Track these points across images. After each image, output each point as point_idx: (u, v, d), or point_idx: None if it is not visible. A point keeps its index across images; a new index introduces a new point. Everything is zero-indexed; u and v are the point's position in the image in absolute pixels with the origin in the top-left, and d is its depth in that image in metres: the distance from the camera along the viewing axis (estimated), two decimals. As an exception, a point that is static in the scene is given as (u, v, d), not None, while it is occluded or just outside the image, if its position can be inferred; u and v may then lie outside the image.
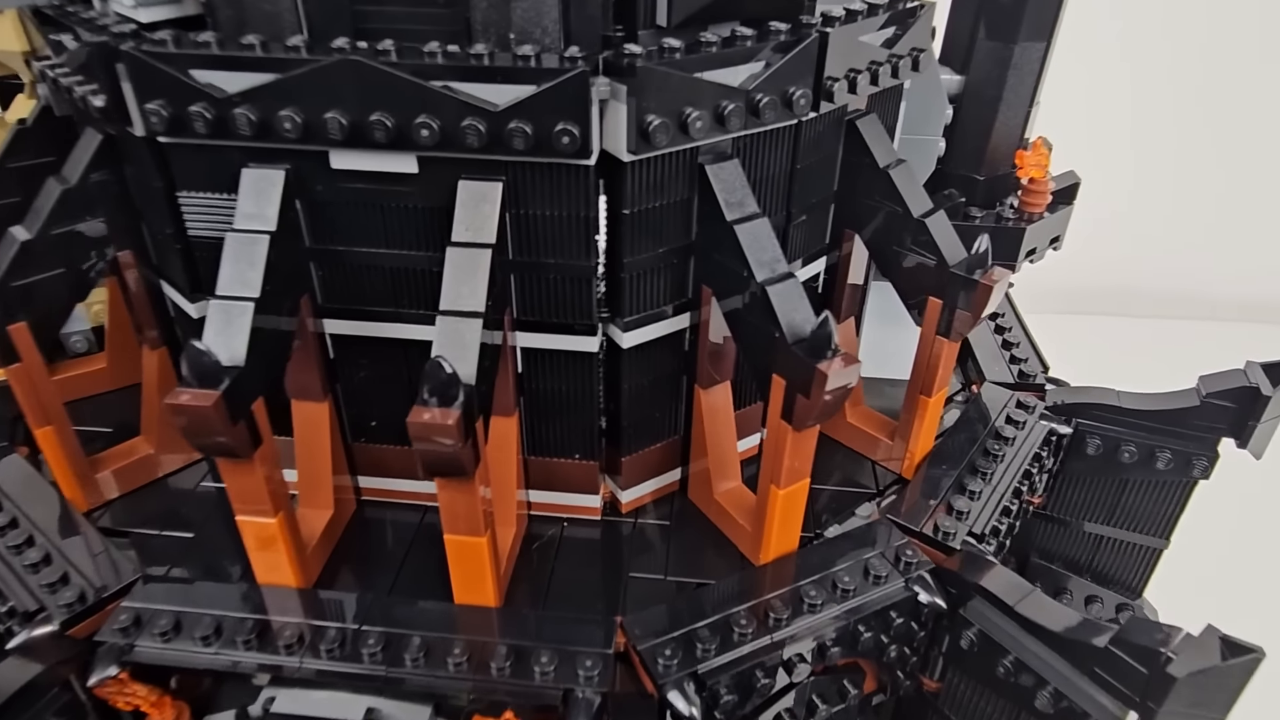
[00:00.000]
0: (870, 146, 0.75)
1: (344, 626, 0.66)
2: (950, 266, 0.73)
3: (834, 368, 0.60)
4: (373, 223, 0.67)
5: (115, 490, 0.82)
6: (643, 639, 0.65)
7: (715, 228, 0.67)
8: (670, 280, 0.71)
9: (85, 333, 1.01)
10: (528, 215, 0.65)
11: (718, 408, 0.77)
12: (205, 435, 0.58)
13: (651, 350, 0.73)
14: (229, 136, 0.62)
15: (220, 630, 0.65)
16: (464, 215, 0.62)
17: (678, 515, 0.82)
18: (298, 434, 0.75)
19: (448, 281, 0.61)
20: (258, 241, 0.63)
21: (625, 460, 0.78)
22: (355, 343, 0.73)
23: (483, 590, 0.68)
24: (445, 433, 0.55)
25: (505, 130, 0.59)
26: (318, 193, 0.66)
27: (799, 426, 0.64)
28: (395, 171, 0.64)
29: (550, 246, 0.66)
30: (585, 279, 0.67)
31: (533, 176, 0.63)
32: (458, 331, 0.59)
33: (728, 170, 0.66)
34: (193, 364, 0.58)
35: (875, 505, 0.84)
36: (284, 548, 0.68)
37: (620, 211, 0.65)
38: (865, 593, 0.70)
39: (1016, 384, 0.96)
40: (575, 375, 0.72)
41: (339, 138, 0.61)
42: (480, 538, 0.64)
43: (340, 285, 0.70)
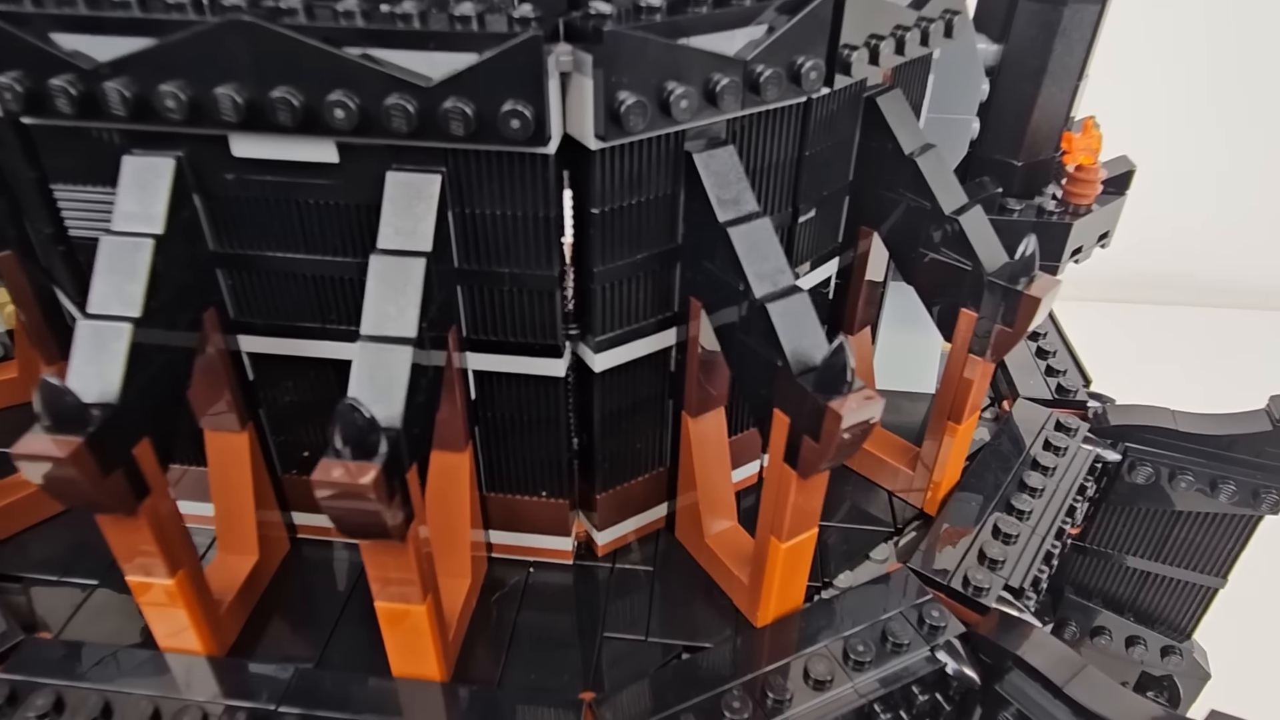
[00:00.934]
0: (893, 129, 0.63)
1: (259, 708, 0.55)
2: (988, 274, 0.61)
3: (849, 406, 0.48)
4: (289, 223, 0.55)
5: (6, 529, 0.71)
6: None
7: (705, 229, 0.55)
8: (651, 291, 0.59)
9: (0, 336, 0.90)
10: (476, 215, 0.53)
11: (709, 438, 0.65)
12: (68, 492, 0.47)
13: (630, 372, 0.62)
14: (101, 117, 0.50)
15: (109, 712, 0.54)
16: (393, 215, 0.50)
17: (663, 558, 0.71)
18: (213, 468, 0.63)
19: (371, 299, 0.49)
20: (139, 247, 0.51)
21: (601, 497, 0.67)
22: (278, 362, 0.62)
23: (424, 663, 0.56)
24: (362, 492, 0.44)
25: (440, 110, 0.47)
26: (220, 186, 0.54)
27: (806, 473, 0.53)
28: (311, 161, 0.52)
29: (504, 253, 0.54)
30: (547, 291, 0.55)
31: (479, 168, 0.51)
32: (382, 362, 0.47)
33: (720, 159, 0.54)
34: (48, 404, 0.46)
35: (893, 547, 0.72)
36: (188, 611, 0.57)
37: (588, 210, 0.53)
38: (884, 664, 0.59)
39: (1055, 400, 0.84)
40: (539, 402, 0.61)
41: (234, 119, 0.49)
42: (419, 605, 0.53)
43: (256, 296, 0.59)
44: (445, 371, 0.56)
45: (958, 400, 0.67)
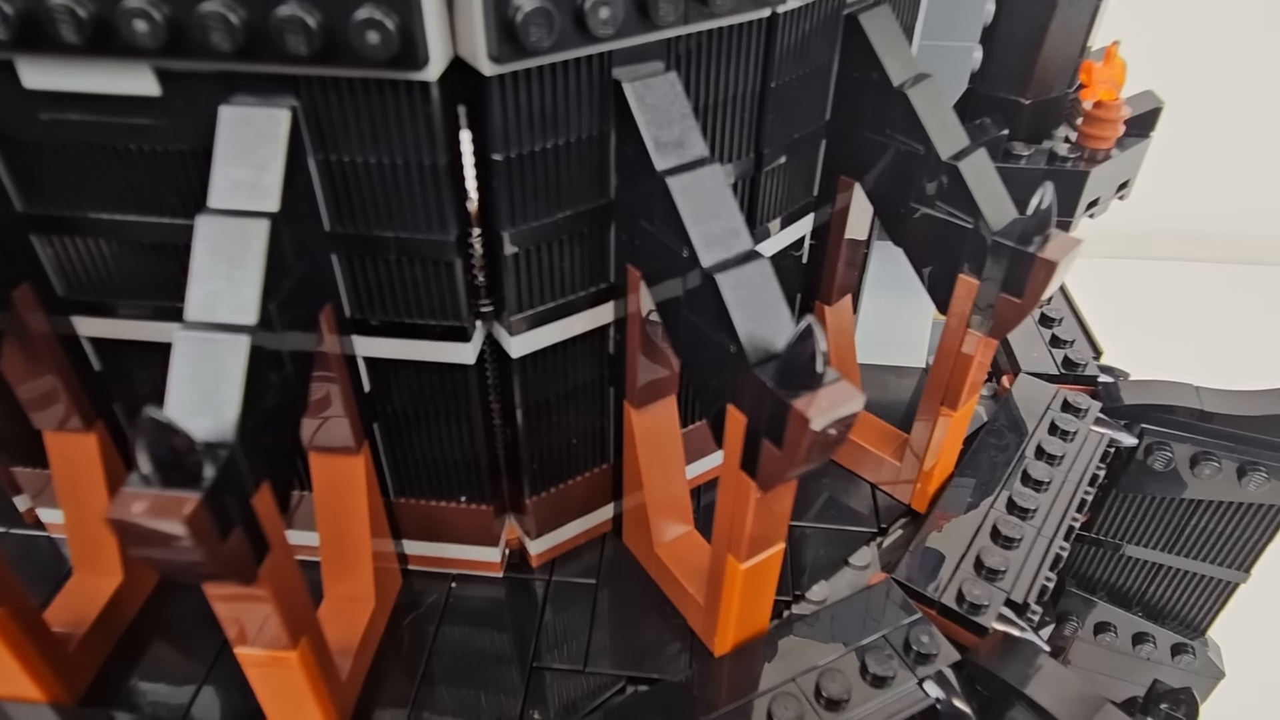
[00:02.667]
0: (879, 55, 0.51)
1: (99, 776, 0.45)
2: (993, 232, 0.50)
3: (818, 407, 0.37)
4: (110, 175, 0.43)
5: None
6: (540, 788, 0.45)
7: (641, 180, 0.43)
8: (579, 258, 0.48)
9: None
10: (345, 164, 0.41)
11: (657, 431, 0.55)
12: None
13: (558, 356, 0.51)
14: None
15: (-83, 783, 0.44)
16: (227, 163, 0.39)
17: (608, 568, 0.61)
18: (59, 477, 0.53)
19: (195, 275, 0.38)
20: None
21: (532, 501, 0.56)
22: (127, 349, 0.50)
23: (299, 713, 0.46)
24: (176, 531, 0.33)
25: (273, 20, 0.35)
26: (14, 129, 0.42)
27: (767, 485, 0.42)
28: (125, 95, 0.40)
29: (386, 212, 0.43)
30: (444, 260, 0.44)
31: (340, 100, 0.39)
32: (209, 356, 0.36)
33: (658, 91, 0.42)
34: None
35: (875, 550, 0.63)
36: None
37: (489, 157, 0.42)
38: (864, 703, 0.49)
39: (1061, 375, 0.74)
40: (446, 393, 0.50)
41: (3, 35, 0.37)
42: (289, 652, 0.43)
43: (85, 269, 0.47)
44: (321, 360, 0.45)
45: (954, 381, 0.57)
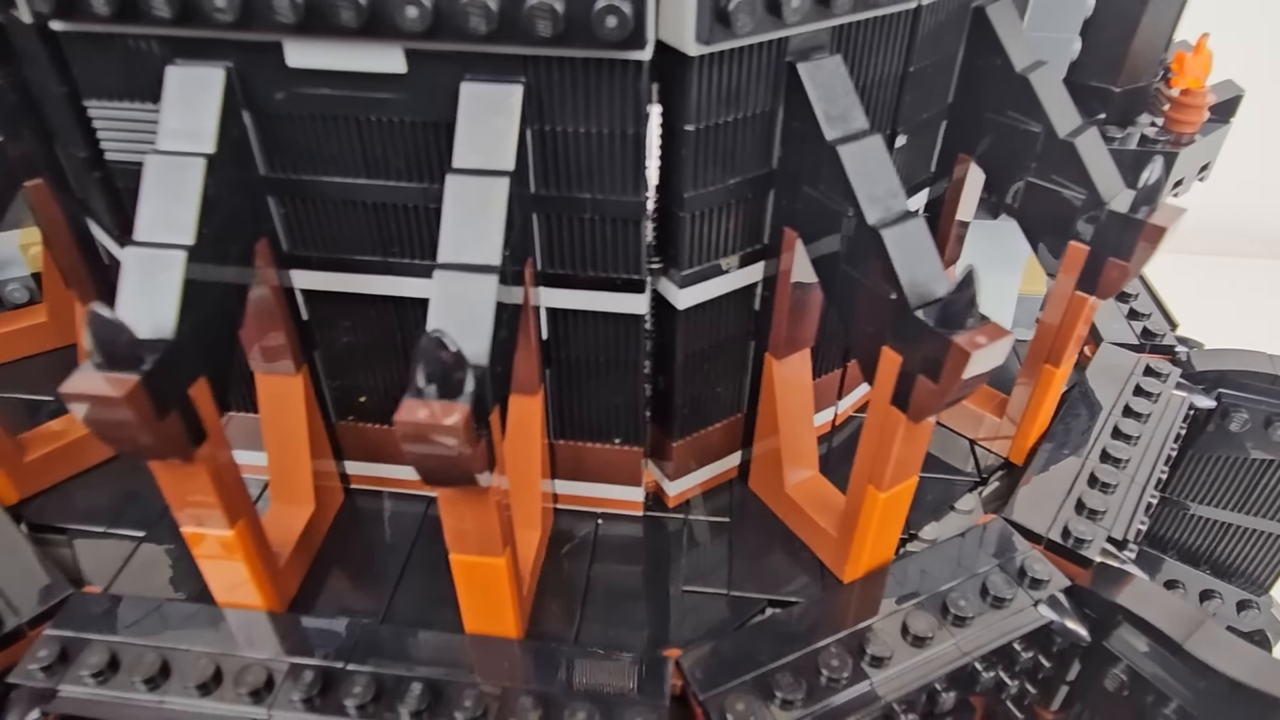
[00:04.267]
0: (1003, 43, 0.57)
1: (326, 665, 0.51)
2: (1107, 202, 0.55)
3: (976, 342, 0.43)
4: (349, 142, 0.50)
5: (50, 477, 0.67)
6: (706, 684, 0.51)
7: (808, 150, 0.50)
8: (742, 221, 0.54)
9: (24, 279, 0.85)
10: (555, 133, 0.48)
11: (794, 381, 0.61)
12: (120, 435, 0.43)
13: (713, 310, 0.57)
14: (142, 21, 0.45)
15: (167, 670, 0.51)
16: (470, 131, 0.45)
17: (738, 509, 0.67)
18: (265, 413, 0.59)
19: (448, 224, 0.44)
20: (189, 167, 0.46)
21: (676, 445, 0.63)
22: (335, 300, 0.57)
23: (501, 620, 0.53)
24: (448, 434, 0.40)
25: (524, 9, 0.42)
26: (272, 101, 0.49)
27: (918, 417, 0.48)
28: (374, 71, 0.47)
29: (586, 176, 0.49)
30: (632, 220, 0.50)
31: (563, 77, 0.46)
32: (464, 294, 0.43)
33: (828, 71, 0.49)
34: (100, 339, 0.42)
35: (978, 497, 0.69)
36: (247, 564, 0.53)
37: (681, 128, 0.48)
38: (986, 621, 0.55)
39: (1141, 345, 0.80)
40: (616, 342, 0.56)
41: (290, 20, 0.43)
42: (498, 558, 0.49)
43: (311, 226, 0.54)
44: (521, 309, 0.52)
45: (1059, 341, 0.63)
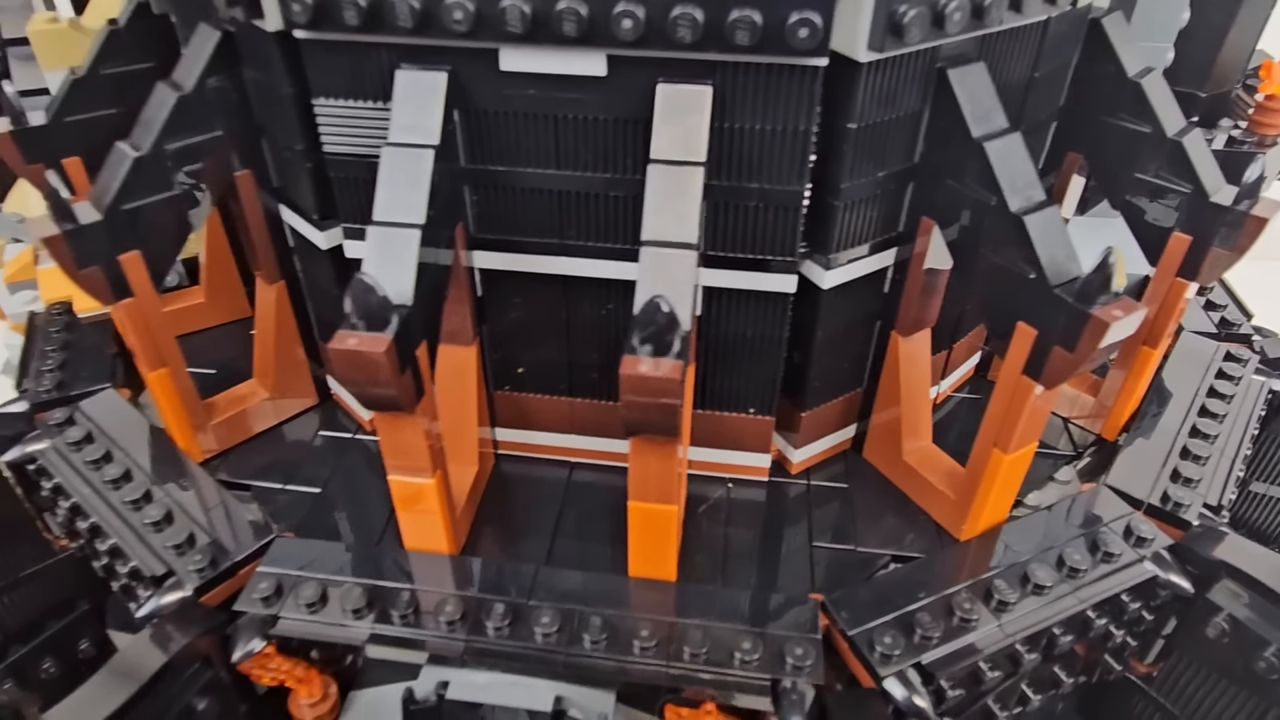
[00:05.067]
0: (1117, 51, 0.63)
1: (513, 601, 0.58)
2: (1211, 197, 0.61)
3: (1115, 315, 0.49)
4: (543, 138, 0.57)
5: (229, 439, 0.74)
6: (853, 622, 0.57)
7: (952, 147, 0.56)
8: (884, 210, 0.60)
9: (174, 265, 0.93)
10: (733, 130, 0.54)
11: (917, 357, 0.67)
12: (372, 385, 0.50)
13: (850, 292, 0.63)
14: (384, 30, 0.52)
15: (373, 603, 0.58)
16: (668, 127, 0.52)
17: (854, 476, 0.73)
18: (442, 380, 0.66)
19: (650, 207, 0.51)
20: (420, 157, 0.53)
21: (805, 416, 0.69)
22: (509, 279, 0.64)
23: (664, 564, 0.59)
24: (666, 389, 0.46)
25: (726, 21, 0.48)
26: (481, 101, 0.55)
27: (1050, 383, 0.54)
28: (578, 75, 0.53)
29: (756, 168, 0.56)
30: (792, 207, 0.57)
31: (745, 81, 0.52)
32: (668, 266, 0.49)
33: (975, 76, 0.55)
34: (359, 302, 0.49)
35: (1074, 469, 0.74)
36: (440, 510, 0.60)
37: (844, 126, 0.54)
38: (1097, 573, 0.61)
39: (1219, 334, 0.85)
40: (764, 319, 0.63)
41: (519, 30, 0.50)
42: (672, 506, 0.56)
43: (496, 213, 0.61)
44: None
45: (1157, 324, 0.69)
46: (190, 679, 0.56)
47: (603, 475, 0.73)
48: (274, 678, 0.59)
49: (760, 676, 0.54)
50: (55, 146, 0.73)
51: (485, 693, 0.54)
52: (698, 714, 0.55)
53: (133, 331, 0.64)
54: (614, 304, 0.64)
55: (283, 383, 0.76)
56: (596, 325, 0.65)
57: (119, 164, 0.59)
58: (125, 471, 0.67)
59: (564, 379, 0.69)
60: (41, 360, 0.80)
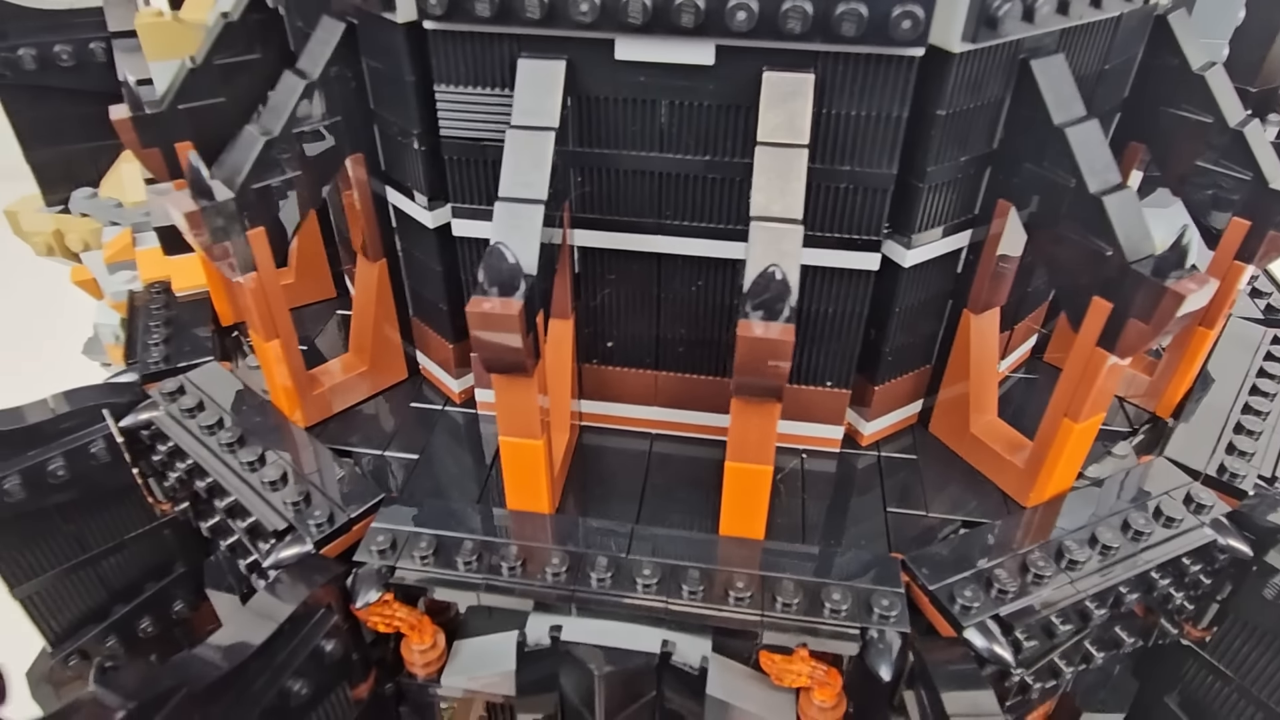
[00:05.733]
0: (1182, 45, 0.67)
1: (614, 555, 0.62)
2: (1270, 184, 0.65)
3: (1188, 286, 0.53)
4: (649, 122, 0.61)
5: (328, 410, 0.79)
6: (933, 578, 0.61)
7: (1032, 133, 0.60)
8: (963, 193, 0.64)
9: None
10: (830, 115, 0.58)
11: (987, 334, 0.71)
12: (501, 348, 0.54)
13: (927, 270, 0.67)
14: (511, 22, 0.56)
15: (483, 556, 0.62)
16: (773, 112, 0.56)
17: (921, 448, 0.77)
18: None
19: (759, 186, 0.55)
20: (542, 139, 0.57)
21: (878, 390, 0.73)
22: (606, 256, 0.68)
23: (755, 523, 0.63)
24: (779, 350, 0.50)
25: (834, 14, 0.52)
26: (594, 88, 0.60)
27: (1125, 353, 0.58)
28: (688, 63, 0.57)
29: (849, 151, 0.60)
30: (882, 189, 0.61)
31: (845, 69, 0.56)
32: (778, 239, 0.54)
33: (1056, 66, 0.59)
34: (492, 269, 0.53)
35: (1130, 444, 0.78)
36: (544, 472, 0.64)
37: (933, 112, 0.58)
38: (1161, 536, 0.65)
39: (1266, 320, 0.89)
40: (847, 296, 0.67)
41: (639, 21, 0.54)
42: (768, 466, 0.60)
43: (598, 193, 0.65)
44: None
45: (1214, 305, 0.72)
46: (317, 623, 0.60)
47: (682, 446, 0.77)
48: (389, 624, 0.63)
49: (850, 625, 0.58)
50: (169, 131, 0.77)
51: (597, 636, 0.58)
52: (790, 659, 0.59)
53: (253, 303, 0.68)
54: (703, 280, 0.68)
55: (378, 357, 0.80)
56: (686, 301, 0.69)
57: (250, 146, 0.64)
58: (239, 436, 0.72)
59: (650, 353, 0.73)
60: (147, 335, 0.84)
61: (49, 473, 0.73)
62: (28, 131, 0.94)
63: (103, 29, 0.90)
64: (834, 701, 0.61)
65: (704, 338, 0.71)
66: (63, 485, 0.74)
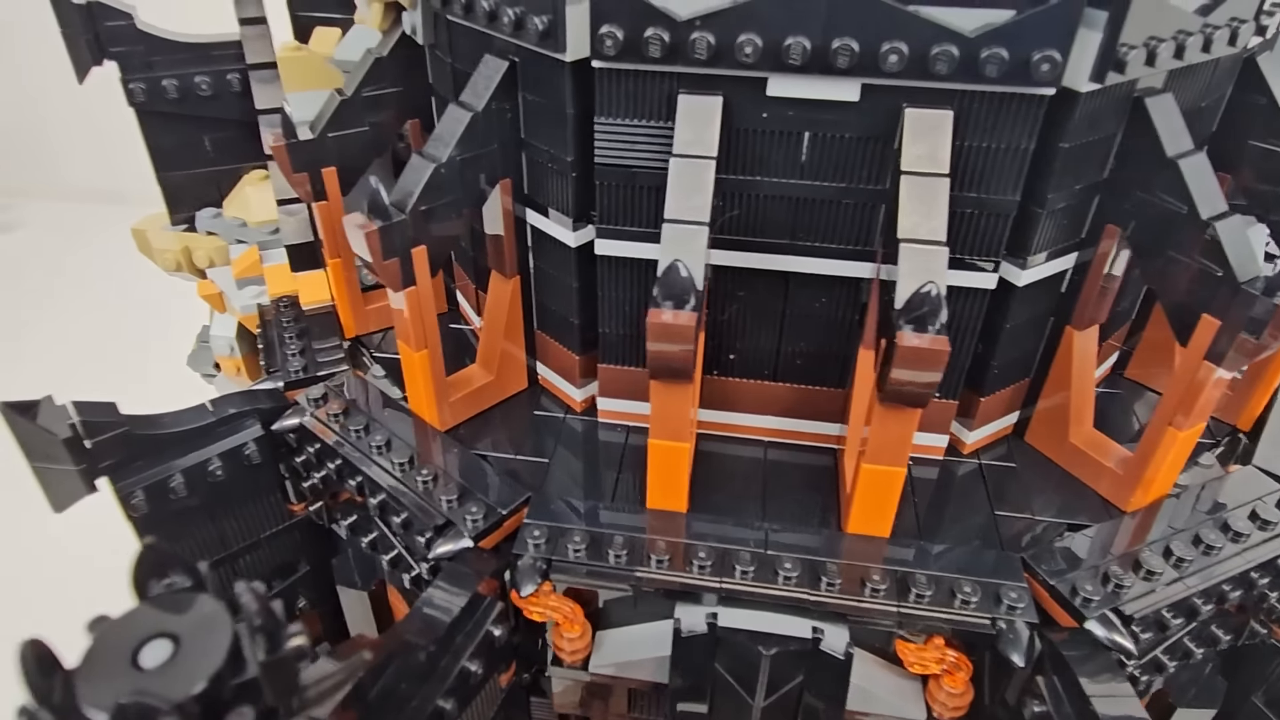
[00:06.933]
0: (1272, 86, 0.73)
1: (755, 550, 0.67)
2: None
3: (1300, 306, 0.59)
4: (791, 152, 0.66)
5: (460, 416, 0.84)
6: (1054, 573, 0.66)
7: (1145, 164, 0.65)
8: (1074, 218, 0.70)
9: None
10: (961, 146, 0.64)
11: (1088, 349, 0.76)
12: (674, 356, 0.59)
13: (1036, 290, 0.73)
14: (677, 62, 0.62)
15: (633, 550, 0.67)
16: (916, 144, 0.62)
17: (1018, 457, 0.82)
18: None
19: (905, 210, 0.61)
20: (703, 167, 0.63)
21: (983, 401, 0.78)
22: (736, 274, 0.73)
23: (883, 521, 0.68)
24: (936, 360, 0.55)
25: (980, 57, 0.58)
26: (744, 121, 0.65)
27: (1231, 366, 0.64)
28: (834, 99, 0.63)
29: (977, 179, 0.65)
30: (1005, 214, 0.66)
31: (980, 106, 0.62)
32: (926, 259, 0.59)
33: (1167, 104, 0.65)
34: (668, 285, 0.58)
35: (1214, 455, 0.83)
36: (686, 474, 0.69)
37: (1057, 145, 0.64)
38: (1259, 538, 0.70)
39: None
40: (963, 313, 0.72)
41: (798, 63, 0.60)
42: (903, 469, 0.65)
43: (737, 216, 0.70)
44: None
45: (1298, 323, 0.77)
46: (486, 609, 0.65)
47: (794, 453, 0.82)
48: (544, 614, 0.68)
49: (981, 616, 0.63)
50: (318, 157, 0.83)
51: (751, 623, 0.63)
52: (926, 647, 0.64)
53: (409, 316, 0.74)
54: (827, 297, 0.73)
55: (504, 368, 0.86)
56: (809, 316, 0.74)
57: (420, 172, 0.69)
58: (388, 439, 0.77)
59: (769, 365, 0.79)
60: (284, 345, 0.90)
61: (209, 472, 0.78)
62: (162, 155, 1.00)
63: (239, 61, 0.96)
64: (962, 688, 0.65)
65: (823, 351, 0.76)
66: (217, 485, 0.80)
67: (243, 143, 1.03)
